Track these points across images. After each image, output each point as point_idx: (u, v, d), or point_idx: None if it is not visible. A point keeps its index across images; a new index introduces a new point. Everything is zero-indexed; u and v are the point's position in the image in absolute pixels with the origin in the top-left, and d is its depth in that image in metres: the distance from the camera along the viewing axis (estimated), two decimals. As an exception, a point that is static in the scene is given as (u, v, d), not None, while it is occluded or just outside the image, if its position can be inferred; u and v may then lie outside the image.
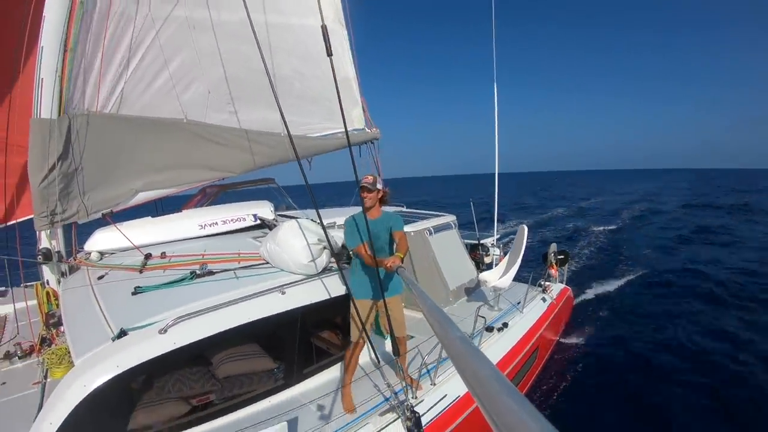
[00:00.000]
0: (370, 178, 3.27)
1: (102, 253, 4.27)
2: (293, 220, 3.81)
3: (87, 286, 3.59)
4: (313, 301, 3.43)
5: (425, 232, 5.25)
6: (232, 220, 5.11)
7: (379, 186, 3.30)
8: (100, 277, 3.74)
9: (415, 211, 6.67)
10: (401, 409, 3.08)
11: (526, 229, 5.36)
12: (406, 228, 5.01)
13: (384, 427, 3.02)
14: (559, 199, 39.56)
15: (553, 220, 23.32)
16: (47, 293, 3.87)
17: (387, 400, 3.28)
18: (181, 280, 3.52)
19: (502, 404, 0.67)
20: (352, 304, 3.32)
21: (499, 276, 5.11)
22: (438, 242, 5.36)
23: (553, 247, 6.47)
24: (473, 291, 5.66)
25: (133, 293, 3.25)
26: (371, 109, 7.16)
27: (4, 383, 3.25)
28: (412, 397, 3.34)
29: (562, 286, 6.41)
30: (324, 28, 2.93)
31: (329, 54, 2.98)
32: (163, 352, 2.66)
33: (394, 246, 3.23)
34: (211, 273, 3.64)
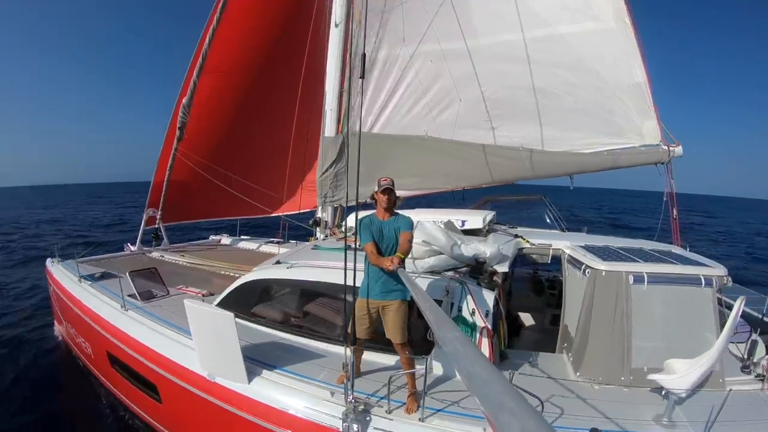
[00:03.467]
0: (390, 180, 3.32)
1: (351, 228, 6.09)
2: (422, 221, 4.11)
3: (319, 242, 5.53)
4: None
5: (627, 277, 3.63)
6: (442, 222, 5.72)
7: None
8: (325, 238, 5.63)
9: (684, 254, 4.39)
10: (348, 405, 2.96)
11: (743, 301, 3.00)
12: (602, 266, 3.81)
13: (324, 402, 3.17)
14: None
15: None
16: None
17: (354, 390, 3.08)
18: (339, 249, 4.84)
19: (498, 403, 0.68)
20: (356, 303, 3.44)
21: (683, 371, 3.03)
22: (652, 297, 3.61)
23: None
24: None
25: (312, 249, 5.01)
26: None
27: None
28: (387, 411, 3.04)
29: None
30: (363, 57, 3.38)
31: (362, 76, 3.37)
32: (280, 278, 4.37)
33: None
34: (361, 250, 4.80)
